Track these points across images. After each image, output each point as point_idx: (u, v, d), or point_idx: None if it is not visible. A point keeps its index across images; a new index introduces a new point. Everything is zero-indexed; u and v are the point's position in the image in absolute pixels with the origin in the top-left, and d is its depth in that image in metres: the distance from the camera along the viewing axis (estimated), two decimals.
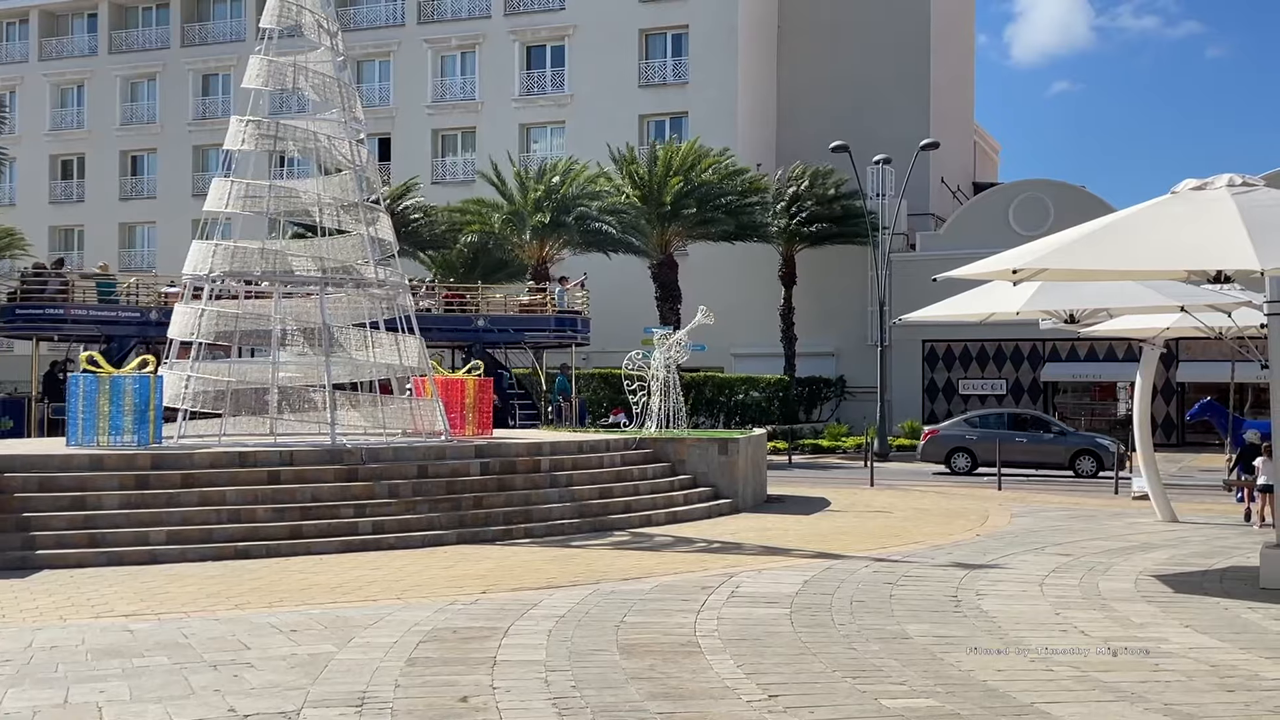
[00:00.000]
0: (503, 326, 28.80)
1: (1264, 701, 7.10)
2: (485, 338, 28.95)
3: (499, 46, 50.47)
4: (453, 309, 29.40)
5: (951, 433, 29.91)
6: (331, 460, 15.07)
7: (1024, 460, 28.24)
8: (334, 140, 17.38)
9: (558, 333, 29.42)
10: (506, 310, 30.51)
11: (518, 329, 28.65)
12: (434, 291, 30.31)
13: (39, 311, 25.79)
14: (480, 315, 28.89)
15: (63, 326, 26.41)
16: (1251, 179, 10.11)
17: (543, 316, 29.92)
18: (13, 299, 26.29)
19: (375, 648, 8.39)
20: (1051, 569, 12.37)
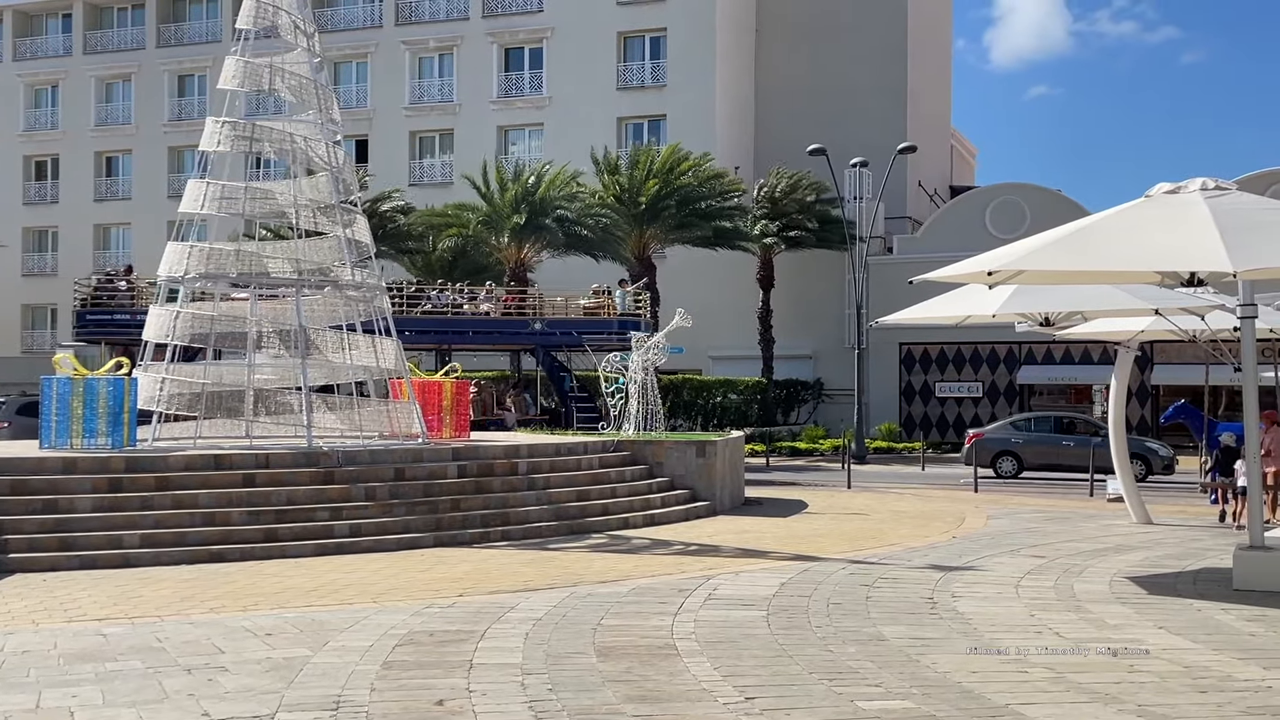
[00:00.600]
0: (563, 330, 28.55)
1: (1237, 702, 7.14)
2: (542, 341, 28.76)
3: (477, 48, 50.42)
4: (510, 313, 29.14)
5: (997, 436, 29.33)
6: (307, 463, 15.00)
7: (1071, 464, 27.58)
8: (310, 142, 17.31)
9: (619, 335, 28.88)
10: (567, 314, 30.15)
11: (578, 331, 28.23)
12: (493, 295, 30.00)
13: (108, 317, 27.01)
14: (537, 319, 28.70)
15: (129, 331, 27.34)
16: (1224, 183, 10.18)
17: (603, 319, 29.55)
18: (84, 305, 27.01)
19: (351, 651, 8.35)
20: (1027, 571, 12.42)
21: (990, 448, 29.01)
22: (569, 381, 29.34)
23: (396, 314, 28.01)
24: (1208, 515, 18.60)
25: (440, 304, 29.08)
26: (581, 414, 28.68)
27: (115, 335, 27.43)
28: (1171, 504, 20.75)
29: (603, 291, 30.48)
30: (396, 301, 28.99)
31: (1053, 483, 25.59)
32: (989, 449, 29.02)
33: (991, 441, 29.21)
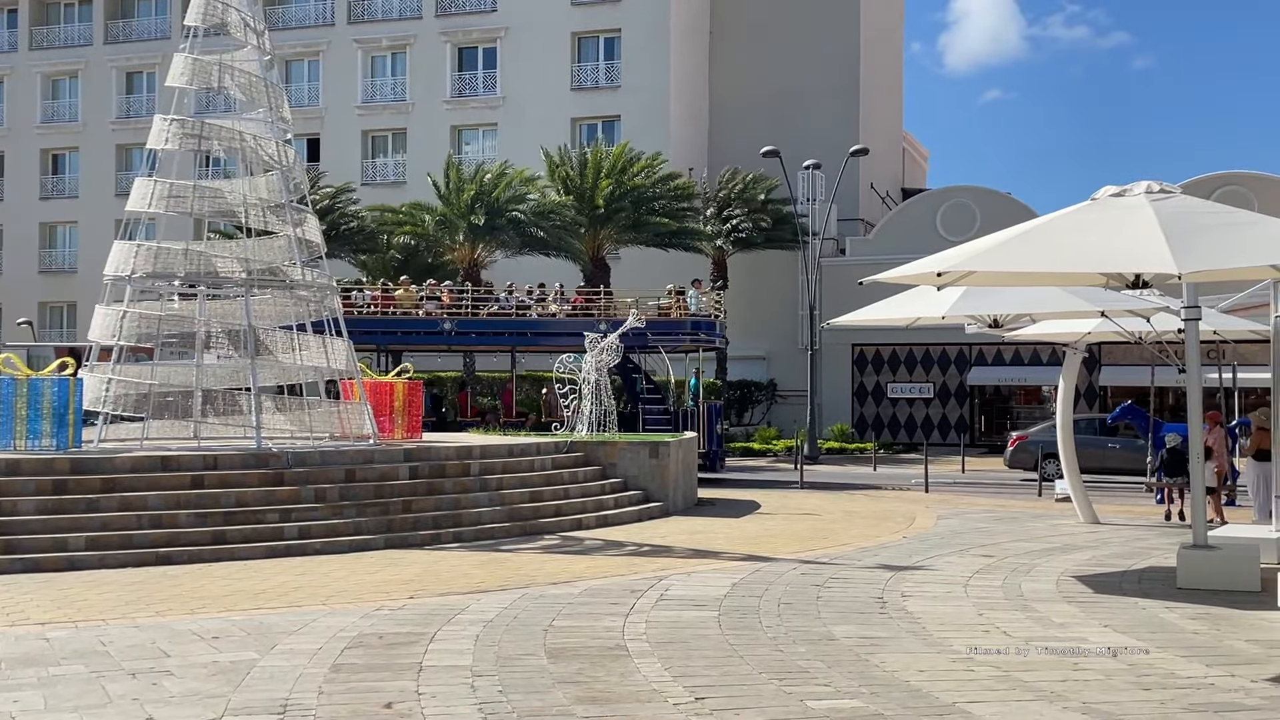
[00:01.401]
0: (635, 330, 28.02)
1: (1179, 699, 7.24)
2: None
3: (430, 48, 50.18)
4: (576, 314, 28.72)
5: (1041, 439, 28.06)
6: (257, 464, 14.85)
7: (1117, 467, 26.89)
8: (260, 140, 17.15)
9: (692, 335, 28.35)
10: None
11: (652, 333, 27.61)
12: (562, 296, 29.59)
13: None
14: (602, 319, 28.29)
15: None
16: (1169, 186, 10.33)
17: (676, 320, 28.94)
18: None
19: (299, 654, 8.28)
20: (975, 570, 12.53)
21: (1034, 450, 27.95)
22: (641, 383, 28.73)
23: (463, 317, 28.02)
24: (1153, 515, 18.85)
25: (507, 305, 28.61)
26: (651, 416, 27.95)
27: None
28: (1118, 504, 21.02)
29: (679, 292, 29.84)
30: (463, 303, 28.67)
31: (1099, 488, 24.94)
32: (1032, 452, 28.01)
33: (1035, 444, 28.14)
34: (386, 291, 28.89)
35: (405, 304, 28.20)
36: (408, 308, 28.06)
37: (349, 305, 28.44)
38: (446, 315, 27.77)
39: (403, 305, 28.12)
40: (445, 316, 27.71)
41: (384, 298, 28.55)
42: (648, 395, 28.20)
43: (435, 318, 27.60)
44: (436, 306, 28.20)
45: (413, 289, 29.14)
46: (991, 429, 43.93)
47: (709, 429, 27.31)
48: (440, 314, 27.78)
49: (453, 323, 27.50)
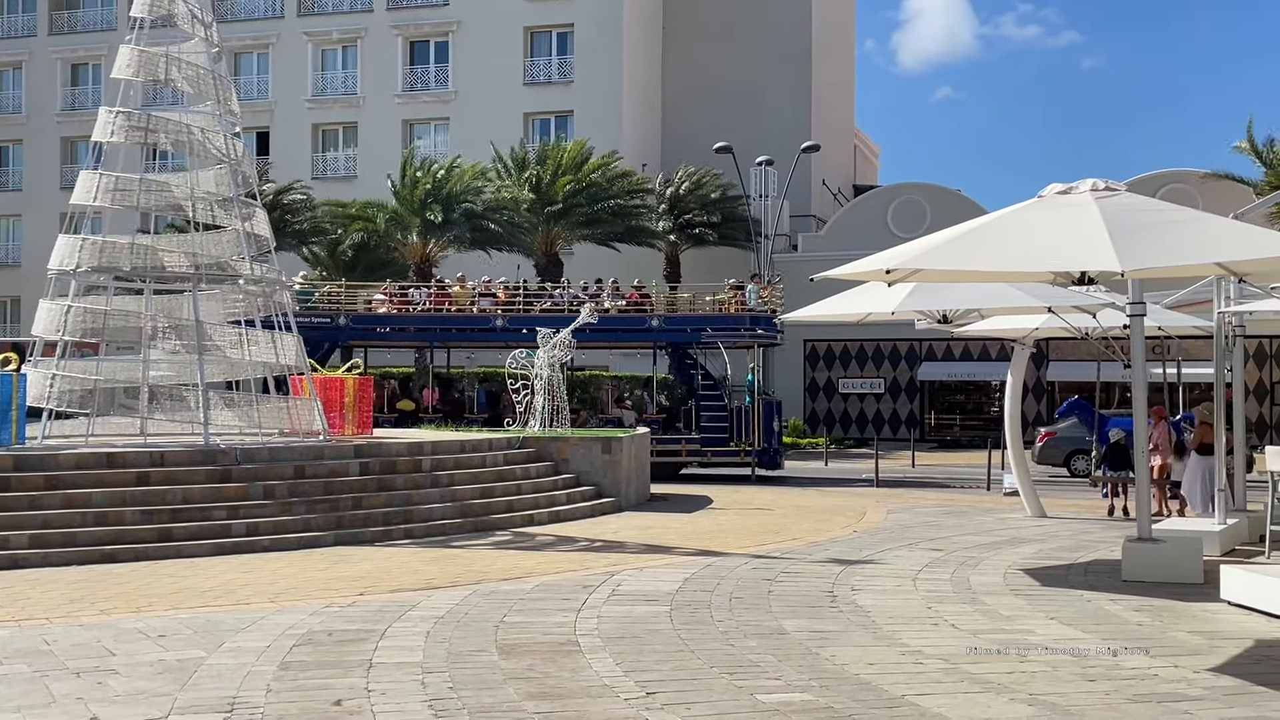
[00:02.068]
0: (679, 326, 27.54)
1: (1124, 690, 7.34)
2: (672, 338, 27.90)
3: (381, 41, 49.82)
4: (628, 310, 28.29)
5: (1070, 435, 27.94)
6: (204, 461, 14.70)
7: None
8: (208, 133, 16.96)
9: (750, 331, 27.58)
10: (693, 310, 29.25)
11: (694, 328, 27.21)
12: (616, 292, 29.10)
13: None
14: (654, 315, 27.86)
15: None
16: (1114, 184, 10.46)
17: (735, 316, 28.25)
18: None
19: (247, 652, 8.21)
20: (925, 564, 12.64)
21: (1063, 446, 27.79)
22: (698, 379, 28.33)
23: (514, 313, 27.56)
24: (1099, 508, 19.10)
25: (560, 302, 28.21)
26: (708, 413, 27.40)
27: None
28: (1065, 498, 21.27)
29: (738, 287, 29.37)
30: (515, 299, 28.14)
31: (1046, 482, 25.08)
32: (1062, 448, 27.85)
33: (1064, 440, 27.94)
34: (442, 288, 28.65)
35: (460, 301, 28.08)
36: (462, 304, 27.88)
37: (405, 303, 28.30)
38: (500, 312, 27.54)
39: (458, 302, 27.95)
40: (498, 313, 27.48)
41: (439, 295, 28.34)
42: (705, 392, 27.80)
43: (488, 314, 27.37)
44: (491, 303, 27.95)
45: (468, 286, 28.94)
46: (941, 424, 44.36)
47: (765, 426, 26.93)
48: (493, 310, 27.52)
49: (505, 319, 27.30)
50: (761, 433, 26.56)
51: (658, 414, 28.62)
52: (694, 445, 26.53)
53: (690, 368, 28.04)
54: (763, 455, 26.60)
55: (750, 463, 26.42)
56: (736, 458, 26.50)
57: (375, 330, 28.41)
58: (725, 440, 26.48)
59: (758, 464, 26.52)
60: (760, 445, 26.44)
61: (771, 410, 27.64)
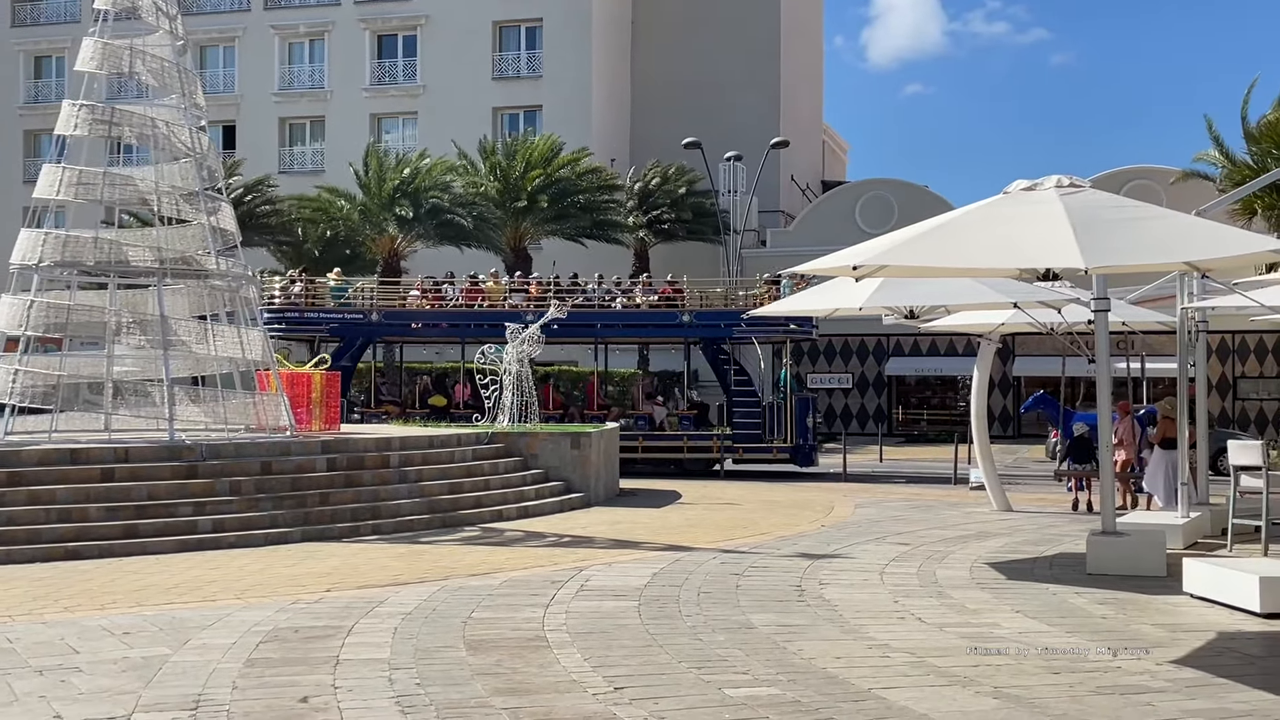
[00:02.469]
0: (712, 321, 27.15)
1: (1087, 682, 7.41)
2: (705, 333, 27.59)
3: (349, 35, 49.56)
4: (659, 305, 27.99)
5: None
6: (169, 457, 14.60)
7: None
8: (173, 127, 16.82)
9: (784, 327, 26.96)
10: (727, 305, 28.86)
11: (728, 323, 26.82)
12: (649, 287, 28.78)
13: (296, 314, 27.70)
14: (685, 311, 27.54)
15: (306, 327, 27.87)
16: (1078, 180, 10.54)
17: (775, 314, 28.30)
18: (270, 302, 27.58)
19: (212, 649, 8.16)
20: (892, 558, 12.71)
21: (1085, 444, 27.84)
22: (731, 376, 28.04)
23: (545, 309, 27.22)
24: (1064, 502, 19.25)
25: (593, 297, 27.94)
26: (741, 409, 27.09)
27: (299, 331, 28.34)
28: (1030, 492, 21.43)
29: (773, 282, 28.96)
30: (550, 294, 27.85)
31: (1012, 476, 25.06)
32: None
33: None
34: (475, 284, 28.49)
35: (494, 296, 27.95)
36: (495, 300, 27.74)
37: (438, 299, 28.12)
38: (532, 307, 27.42)
39: (491, 298, 27.80)
40: (529, 309, 27.35)
41: (472, 290, 28.20)
42: (738, 387, 27.58)
43: (519, 310, 27.18)
44: (524, 299, 27.78)
45: (502, 281, 28.75)
46: (909, 419, 44.59)
47: (799, 423, 26.62)
48: (526, 306, 27.34)
49: (536, 314, 27.19)
50: (795, 429, 26.29)
51: (689, 410, 28.38)
52: (726, 442, 26.20)
53: (725, 363, 27.85)
54: (797, 452, 26.27)
55: (784, 459, 26.05)
56: (770, 454, 26.20)
57: (409, 326, 28.40)
58: (759, 437, 26.19)
59: (791, 460, 26.14)
60: (794, 442, 26.14)
61: (805, 406, 27.34)
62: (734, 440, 26.26)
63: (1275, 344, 38.83)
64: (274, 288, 28.33)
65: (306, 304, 27.91)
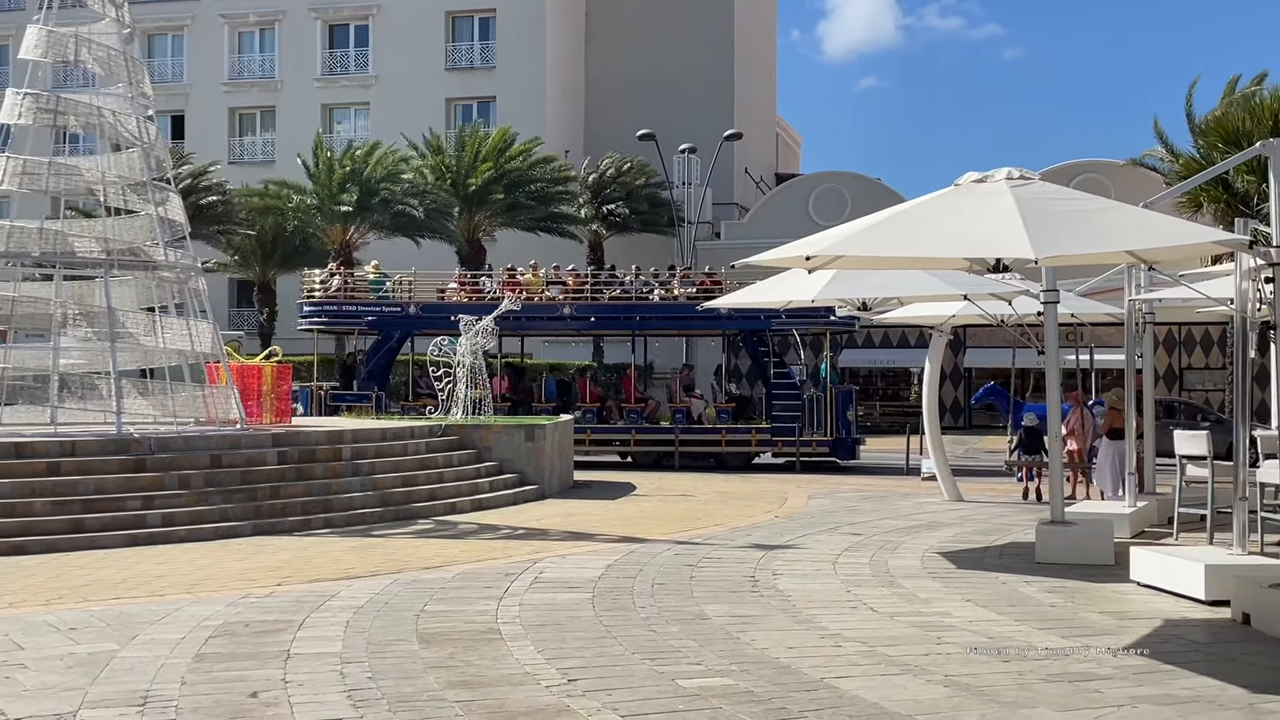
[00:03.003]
0: (751, 313, 26.69)
1: (1037, 670, 7.48)
2: (731, 325, 27.17)
3: (299, 24, 49.09)
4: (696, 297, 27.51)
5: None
6: (117, 450, 14.40)
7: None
8: (120, 116, 16.58)
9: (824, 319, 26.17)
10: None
11: (767, 315, 26.36)
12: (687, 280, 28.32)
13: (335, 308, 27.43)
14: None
15: (346, 320, 27.56)
16: (1028, 173, 10.62)
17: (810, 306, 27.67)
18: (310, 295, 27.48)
19: (161, 644, 8.07)
20: (844, 548, 12.78)
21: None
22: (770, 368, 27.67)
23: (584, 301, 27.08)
24: (1015, 493, 19.45)
25: (629, 289, 27.57)
26: (780, 401, 26.50)
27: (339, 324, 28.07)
28: (981, 483, 21.63)
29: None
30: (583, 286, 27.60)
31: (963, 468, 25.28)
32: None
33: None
34: (512, 276, 28.22)
35: (532, 289, 27.67)
36: (533, 292, 27.47)
37: (475, 291, 27.83)
38: (568, 299, 27.10)
39: (529, 290, 27.53)
40: (566, 301, 27.05)
41: (509, 283, 27.92)
42: (777, 379, 27.29)
43: (556, 303, 26.91)
44: (560, 291, 27.48)
45: (540, 273, 28.48)
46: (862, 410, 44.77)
47: (839, 415, 26.21)
48: (563, 299, 27.06)
49: (573, 307, 26.86)
50: (835, 422, 26.03)
51: (728, 403, 28.20)
52: (764, 435, 25.95)
53: (764, 355, 27.64)
54: (837, 445, 25.95)
55: (824, 453, 25.73)
56: (810, 448, 25.84)
57: (447, 319, 28.18)
58: (798, 430, 25.79)
59: (832, 454, 25.81)
60: (835, 435, 25.89)
61: (844, 399, 26.93)
62: (773, 434, 25.91)
63: (1220, 335, 39.40)
64: (314, 281, 28.14)
65: (345, 297, 27.61)
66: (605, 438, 26.44)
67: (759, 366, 28.07)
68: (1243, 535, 10.49)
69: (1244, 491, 10.53)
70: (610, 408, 27.48)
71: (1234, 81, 30.68)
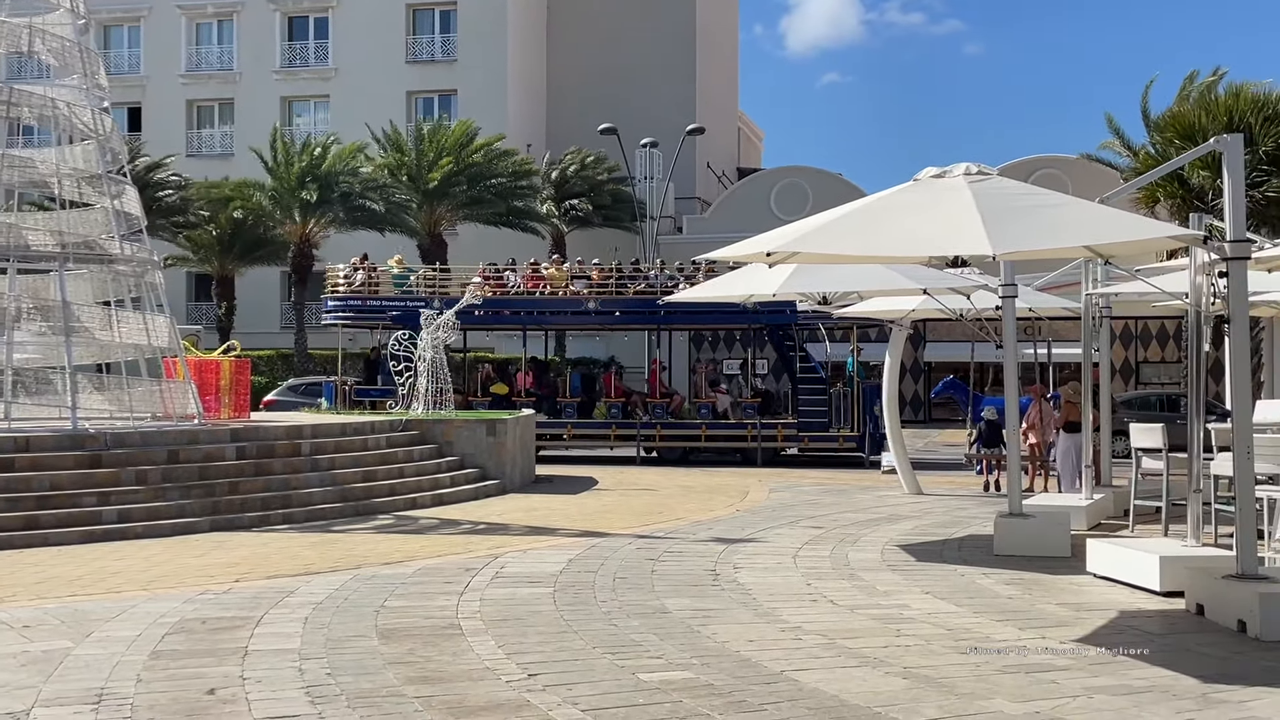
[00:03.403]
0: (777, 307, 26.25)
1: (994, 662, 7.54)
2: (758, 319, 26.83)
3: (258, 16, 48.68)
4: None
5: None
6: (72, 446, 14.24)
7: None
8: (75, 108, 16.39)
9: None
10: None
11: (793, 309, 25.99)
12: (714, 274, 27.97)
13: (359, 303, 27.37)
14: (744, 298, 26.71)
15: (370, 315, 27.49)
16: (986, 168, 10.68)
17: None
18: (334, 290, 27.29)
19: (116, 642, 7.99)
20: (805, 541, 12.83)
21: None
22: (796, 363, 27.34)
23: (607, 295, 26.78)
24: (974, 485, 19.59)
25: (654, 283, 27.25)
26: (807, 396, 26.17)
27: (364, 319, 27.99)
28: (941, 476, 21.78)
29: None
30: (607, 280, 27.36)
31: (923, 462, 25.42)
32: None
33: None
34: (536, 270, 27.95)
35: (557, 283, 27.49)
36: (557, 286, 27.29)
37: (499, 285, 27.51)
38: (592, 294, 26.86)
39: (554, 284, 27.35)
40: (590, 295, 26.80)
41: (534, 277, 27.65)
42: (804, 374, 27.07)
43: (581, 298, 26.65)
44: (585, 285, 27.26)
45: (564, 268, 28.21)
46: None
47: (866, 411, 25.85)
48: (587, 294, 26.82)
49: (596, 301, 26.61)
50: (862, 418, 25.80)
51: (753, 398, 28.07)
52: (790, 430, 25.82)
53: (790, 350, 27.48)
54: (865, 440, 25.70)
55: (850, 448, 25.50)
56: (836, 443, 25.70)
57: (471, 313, 27.95)
58: (824, 425, 25.63)
59: (859, 450, 25.55)
60: (862, 430, 25.63)
61: (873, 395, 26.42)
62: (799, 429, 25.76)
63: (1176, 329, 39.87)
64: (338, 276, 27.91)
65: (369, 292, 27.46)
66: (629, 433, 26.30)
67: (785, 361, 27.94)
68: (1197, 527, 10.62)
69: (1198, 484, 10.65)
70: (635, 403, 27.42)
71: (1192, 76, 30.97)
